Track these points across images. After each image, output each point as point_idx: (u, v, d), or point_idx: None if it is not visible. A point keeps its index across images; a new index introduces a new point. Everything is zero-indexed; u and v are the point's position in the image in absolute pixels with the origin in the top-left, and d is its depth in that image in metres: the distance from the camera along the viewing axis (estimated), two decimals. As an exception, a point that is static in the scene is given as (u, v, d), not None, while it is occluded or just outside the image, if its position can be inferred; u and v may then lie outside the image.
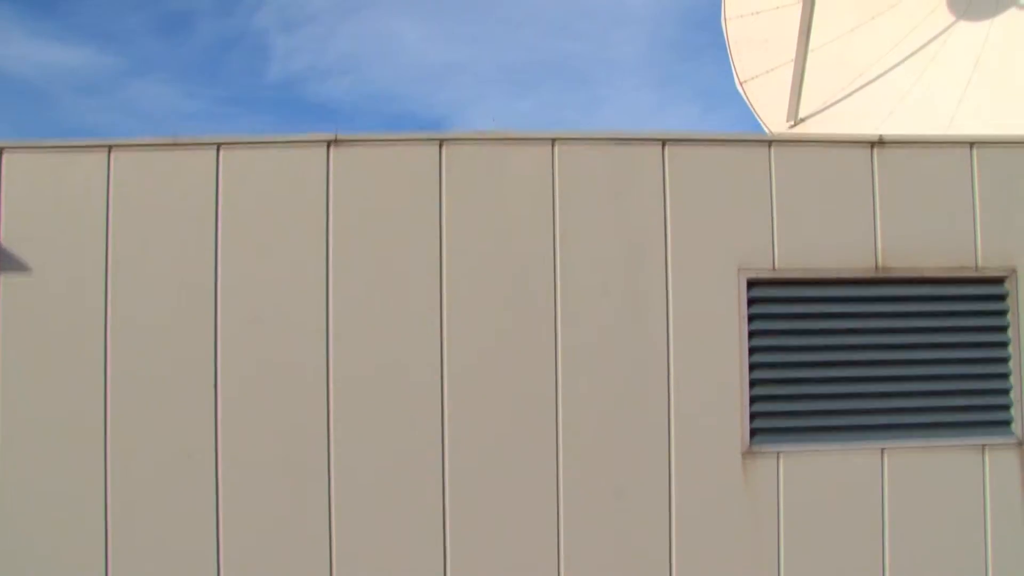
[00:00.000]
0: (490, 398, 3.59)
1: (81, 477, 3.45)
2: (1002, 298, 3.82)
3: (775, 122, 8.46)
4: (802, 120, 8.35)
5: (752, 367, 3.68)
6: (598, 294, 3.64)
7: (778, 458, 3.67)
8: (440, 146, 3.61)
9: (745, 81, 8.63)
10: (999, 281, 3.81)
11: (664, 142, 3.67)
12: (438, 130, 3.52)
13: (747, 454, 3.65)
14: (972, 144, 3.82)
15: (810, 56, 8.16)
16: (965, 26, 7.76)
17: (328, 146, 3.59)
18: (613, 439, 3.63)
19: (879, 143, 3.76)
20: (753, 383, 3.68)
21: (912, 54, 7.98)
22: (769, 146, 3.71)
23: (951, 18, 7.84)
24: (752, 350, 3.68)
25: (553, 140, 3.62)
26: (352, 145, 3.60)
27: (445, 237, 3.60)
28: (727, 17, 8.93)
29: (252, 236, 3.57)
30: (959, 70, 7.72)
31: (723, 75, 9.10)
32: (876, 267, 3.74)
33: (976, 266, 3.80)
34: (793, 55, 8.20)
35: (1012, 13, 7.39)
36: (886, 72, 8.13)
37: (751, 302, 3.68)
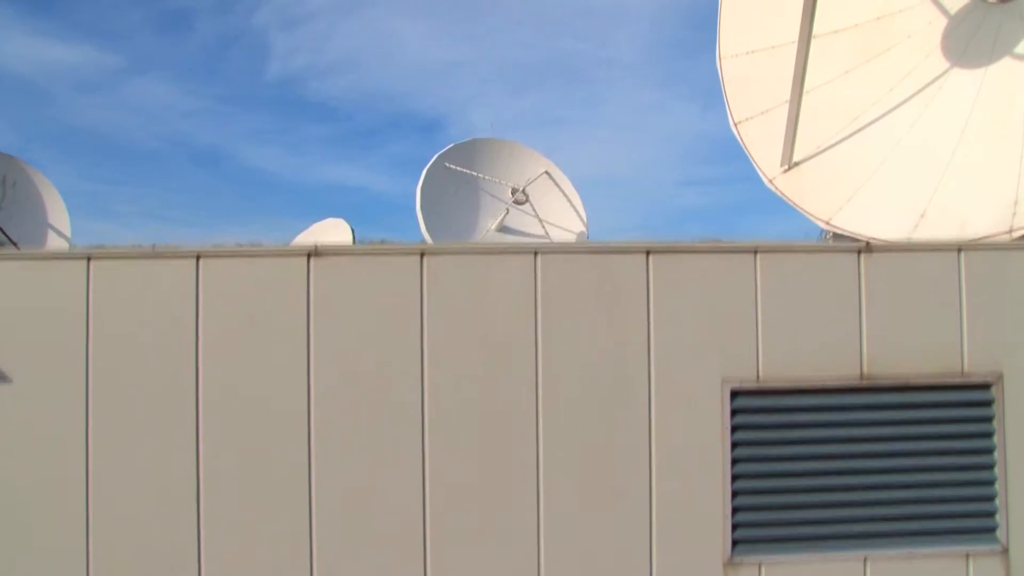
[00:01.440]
0: (472, 510, 3.57)
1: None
2: (988, 403, 3.79)
3: (769, 165, 8.42)
4: (796, 164, 8.31)
5: (735, 477, 3.66)
6: (581, 404, 3.61)
7: (760, 568, 3.66)
8: (421, 258, 3.57)
9: (740, 122, 8.58)
10: (985, 387, 3.79)
11: (648, 252, 3.63)
12: (420, 243, 3.47)
13: (728, 565, 3.64)
14: (960, 249, 3.79)
15: (805, 98, 8.11)
16: (960, 72, 7.70)
17: (309, 257, 3.56)
18: (595, 548, 3.62)
19: (866, 249, 3.73)
20: (735, 493, 3.66)
21: (906, 100, 7.93)
22: (755, 254, 3.67)
23: (946, 64, 7.77)
24: (735, 460, 3.66)
25: (536, 252, 3.59)
26: (332, 256, 3.56)
27: (427, 349, 3.57)
28: (722, 56, 8.86)
29: (233, 346, 3.54)
30: (954, 117, 7.67)
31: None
32: (861, 375, 3.72)
33: (962, 371, 3.78)
34: (788, 96, 8.14)
35: (1006, 62, 7.33)
36: (880, 117, 8.08)
37: (734, 412, 3.66)
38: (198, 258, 3.55)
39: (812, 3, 7.49)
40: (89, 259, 3.54)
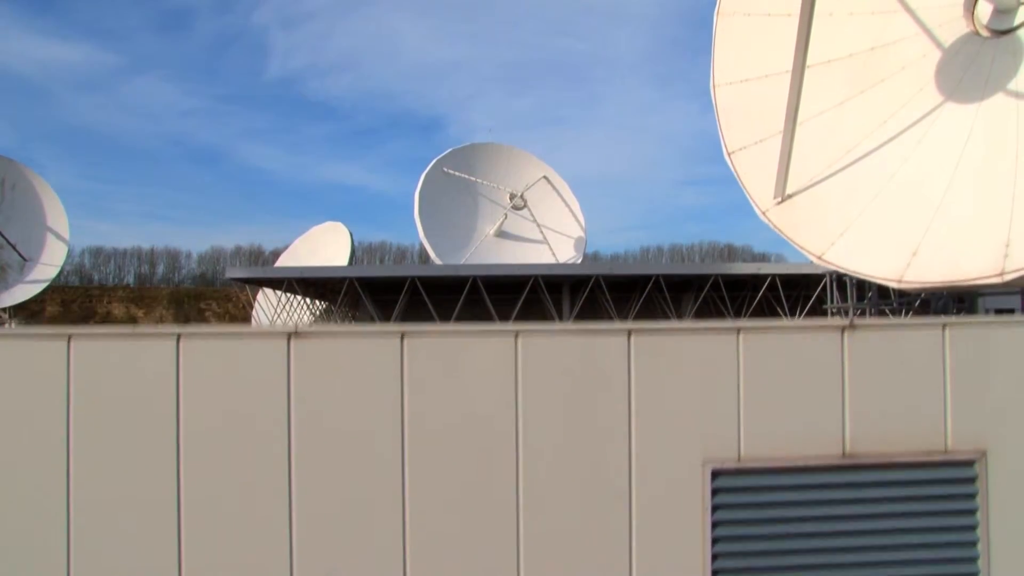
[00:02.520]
0: (452, 588, 3.57)
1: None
2: (971, 480, 3.78)
3: (762, 196, 8.37)
4: (789, 196, 8.26)
5: (715, 556, 3.65)
6: (561, 484, 3.60)
7: (741, 648, 3.65)
8: (401, 339, 3.56)
9: (733, 152, 8.53)
10: (968, 464, 3.77)
11: (630, 332, 3.62)
12: (399, 324, 3.46)
13: (709, 644, 3.64)
14: (944, 325, 3.77)
15: (798, 128, 8.06)
16: (953, 107, 7.65)
17: (288, 338, 3.54)
18: (576, 623, 3.62)
19: (849, 327, 3.71)
20: (716, 572, 3.66)
21: (900, 133, 7.88)
22: (737, 334, 3.66)
23: (940, 97, 7.72)
24: (715, 540, 3.65)
25: (516, 333, 3.57)
26: (312, 338, 3.55)
27: (407, 430, 3.55)
28: (716, 84, 8.81)
29: (214, 425, 3.53)
30: (947, 153, 7.62)
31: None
32: (843, 453, 3.70)
33: (945, 449, 3.76)
34: (781, 126, 8.09)
35: (999, 99, 7.28)
36: (874, 150, 8.03)
37: (715, 492, 3.65)
38: (179, 338, 3.53)
39: (806, 33, 7.45)
40: (70, 338, 3.53)
